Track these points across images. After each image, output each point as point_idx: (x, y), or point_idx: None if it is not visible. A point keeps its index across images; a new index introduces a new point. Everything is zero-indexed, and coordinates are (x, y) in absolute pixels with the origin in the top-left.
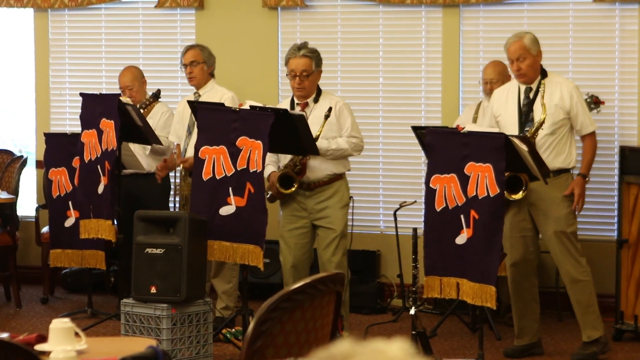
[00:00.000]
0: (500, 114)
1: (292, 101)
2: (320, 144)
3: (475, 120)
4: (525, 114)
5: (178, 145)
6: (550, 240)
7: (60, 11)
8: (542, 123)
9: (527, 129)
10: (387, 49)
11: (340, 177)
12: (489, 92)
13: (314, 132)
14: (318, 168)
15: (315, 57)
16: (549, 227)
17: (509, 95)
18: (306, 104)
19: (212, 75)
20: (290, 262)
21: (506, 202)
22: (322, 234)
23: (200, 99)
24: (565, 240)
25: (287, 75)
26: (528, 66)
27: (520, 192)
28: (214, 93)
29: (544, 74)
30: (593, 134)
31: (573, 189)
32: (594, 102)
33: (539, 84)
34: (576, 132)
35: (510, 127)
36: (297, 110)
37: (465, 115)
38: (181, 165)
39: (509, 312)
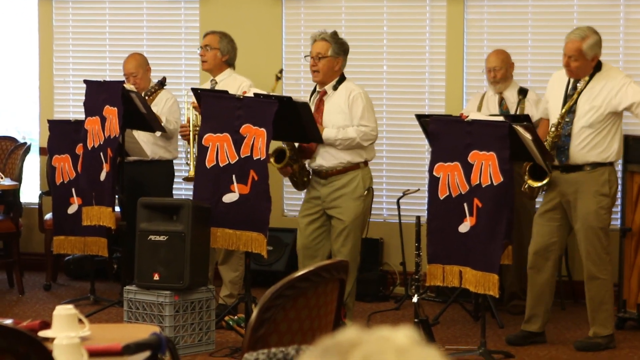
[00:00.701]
0: (549, 99)
1: (315, 88)
2: (328, 133)
3: (479, 110)
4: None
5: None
6: (577, 234)
7: None
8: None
9: (567, 119)
10: (391, 38)
11: (356, 166)
12: (492, 81)
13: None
14: (332, 156)
15: (334, 42)
16: (577, 221)
17: (560, 83)
18: (325, 92)
19: (228, 65)
20: (299, 248)
21: (540, 190)
22: (334, 224)
23: (217, 87)
24: (591, 235)
25: (305, 57)
26: (577, 67)
27: (544, 180)
28: (231, 81)
29: (597, 67)
30: None
31: None
32: None
33: (590, 78)
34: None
35: (555, 114)
36: (316, 97)
37: (470, 105)
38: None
39: (512, 300)
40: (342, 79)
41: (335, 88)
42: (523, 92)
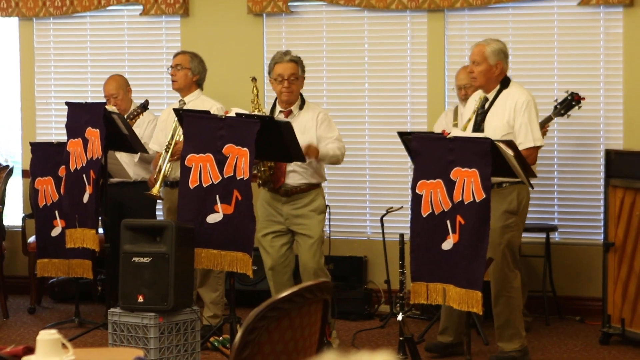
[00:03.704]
0: (464, 119)
1: (273, 109)
2: (324, 150)
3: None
4: (477, 123)
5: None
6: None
7: (46, 20)
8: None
9: None
10: (372, 55)
11: (317, 186)
12: (463, 98)
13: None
14: (299, 175)
15: (300, 63)
16: None
17: (471, 102)
18: (290, 112)
19: (198, 85)
20: (268, 265)
21: None
22: (301, 241)
23: (186, 107)
24: (495, 253)
25: (273, 80)
26: (480, 72)
27: None
28: (200, 103)
29: (505, 84)
30: (532, 149)
31: None
32: (575, 100)
33: (496, 95)
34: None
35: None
36: (281, 117)
37: (445, 121)
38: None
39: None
40: (303, 99)
41: (301, 108)
42: None
